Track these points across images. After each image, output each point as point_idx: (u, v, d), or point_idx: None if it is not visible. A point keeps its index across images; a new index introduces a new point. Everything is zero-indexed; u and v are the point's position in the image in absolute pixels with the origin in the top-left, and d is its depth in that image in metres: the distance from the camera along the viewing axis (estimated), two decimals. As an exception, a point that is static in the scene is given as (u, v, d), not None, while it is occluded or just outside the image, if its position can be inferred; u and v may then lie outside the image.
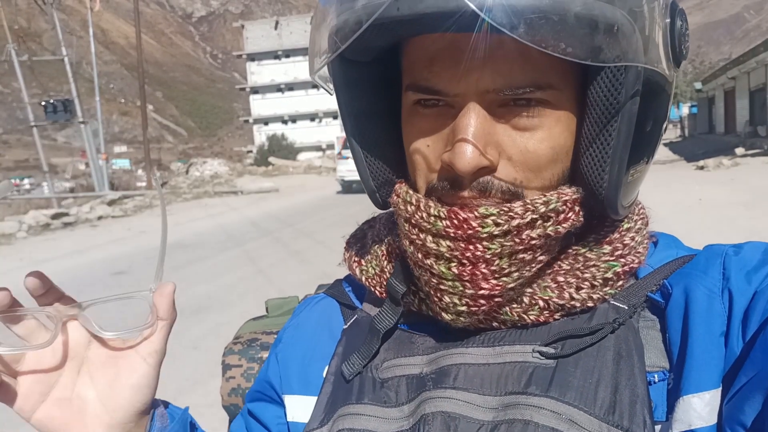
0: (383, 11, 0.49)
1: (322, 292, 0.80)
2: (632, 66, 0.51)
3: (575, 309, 0.59)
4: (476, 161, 0.52)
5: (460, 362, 0.58)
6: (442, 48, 0.54)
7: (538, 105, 0.54)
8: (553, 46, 0.47)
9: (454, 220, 0.54)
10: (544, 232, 0.55)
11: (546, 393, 0.53)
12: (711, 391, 0.51)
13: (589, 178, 0.57)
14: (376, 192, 0.67)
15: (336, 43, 0.54)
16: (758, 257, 0.56)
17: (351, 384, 0.63)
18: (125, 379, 0.58)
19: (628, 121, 0.53)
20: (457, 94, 0.54)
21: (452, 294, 0.57)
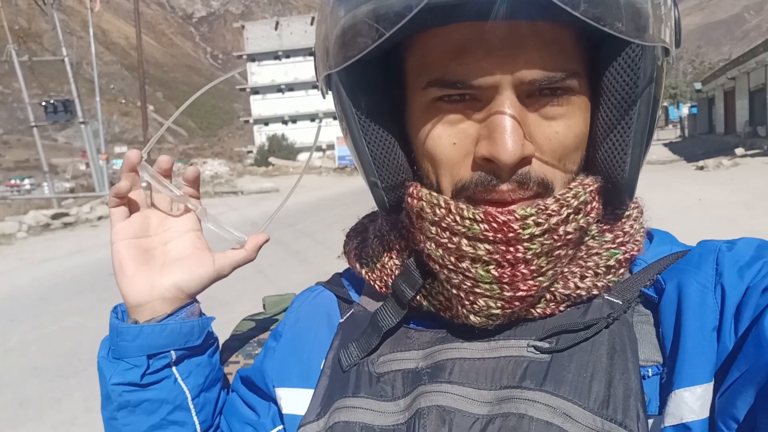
0: None
1: (320, 284, 0.80)
2: (649, 50, 0.52)
3: (581, 298, 0.59)
4: (520, 150, 0.52)
5: (455, 356, 0.59)
6: (470, 39, 0.52)
7: (564, 94, 0.54)
8: (610, 24, 0.47)
9: (493, 223, 0.53)
10: (578, 225, 0.55)
11: (540, 387, 0.53)
12: (703, 386, 0.51)
13: (609, 165, 0.57)
14: (384, 197, 0.64)
15: (377, 30, 0.50)
16: (751, 253, 0.56)
17: (347, 377, 0.63)
18: (190, 264, 0.70)
19: (647, 105, 0.54)
20: (490, 87, 0.52)
21: (488, 297, 0.56)
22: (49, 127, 35.63)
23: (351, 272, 0.76)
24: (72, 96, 26.33)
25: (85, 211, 17.62)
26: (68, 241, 12.97)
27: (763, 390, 0.46)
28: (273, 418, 0.71)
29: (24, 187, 60.75)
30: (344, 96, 0.59)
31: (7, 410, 4.32)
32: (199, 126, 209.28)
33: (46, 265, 9.91)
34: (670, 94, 53.11)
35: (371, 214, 0.77)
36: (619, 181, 0.58)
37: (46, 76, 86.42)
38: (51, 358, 5.16)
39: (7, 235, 13.94)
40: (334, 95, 0.61)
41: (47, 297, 7.50)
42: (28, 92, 27.13)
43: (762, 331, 0.48)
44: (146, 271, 0.68)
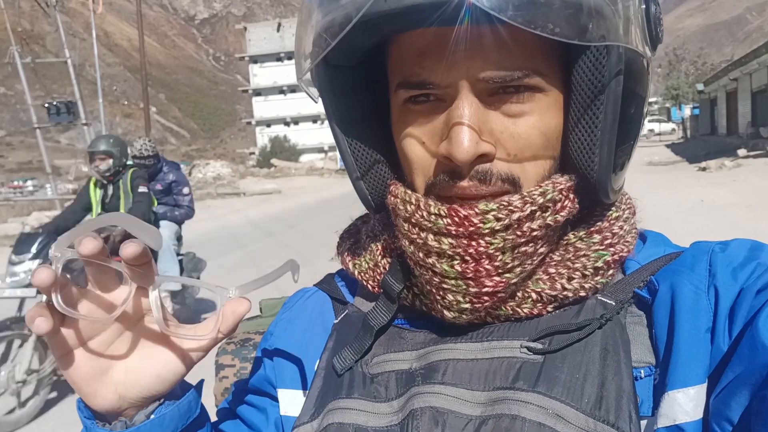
0: (371, 6, 0.49)
1: (313, 285, 0.81)
2: (614, 47, 0.52)
3: (568, 299, 0.59)
4: (474, 149, 0.53)
5: (449, 357, 0.59)
6: (429, 42, 0.54)
7: (527, 91, 0.55)
8: (542, 26, 0.47)
9: (455, 217, 0.54)
10: (544, 222, 0.56)
11: (533, 388, 0.53)
12: (696, 387, 0.51)
13: (579, 161, 0.57)
14: (369, 196, 0.67)
15: (326, 41, 0.54)
16: (744, 254, 0.56)
17: (341, 379, 0.63)
18: (155, 365, 0.57)
19: (614, 102, 0.54)
20: (448, 85, 0.54)
21: (455, 292, 0.57)
22: (52, 129, 35.70)
23: (345, 273, 0.77)
24: (75, 98, 26.33)
25: (88, 212, 17.62)
26: (71, 242, 12.95)
27: (757, 391, 0.46)
28: (276, 424, 0.71)
29: (27, 188, 60.84)
30: (326, 101, 0.63)
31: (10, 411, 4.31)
32: (202, 128, 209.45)
33: (48, 267, 9.90)
34: (672, 95, 53.00)
35: (364, 216, 0.78)
36: (589, 178, 0.58)
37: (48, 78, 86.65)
38: (53, 360, 5.16)
39: (11, 236, 13.96)
40: (320, 95, 0.64)
41: (50, 298, 7.49)
42: (30, 94, 27.19)
43: (756, 333, 0.48)
44: (108, 383, 0.56)
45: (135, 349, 0.57)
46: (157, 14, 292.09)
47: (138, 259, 0.52)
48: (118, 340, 0.57)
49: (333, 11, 0.53)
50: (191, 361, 0.58)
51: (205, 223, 14.49)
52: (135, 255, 0.51)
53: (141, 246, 0.52)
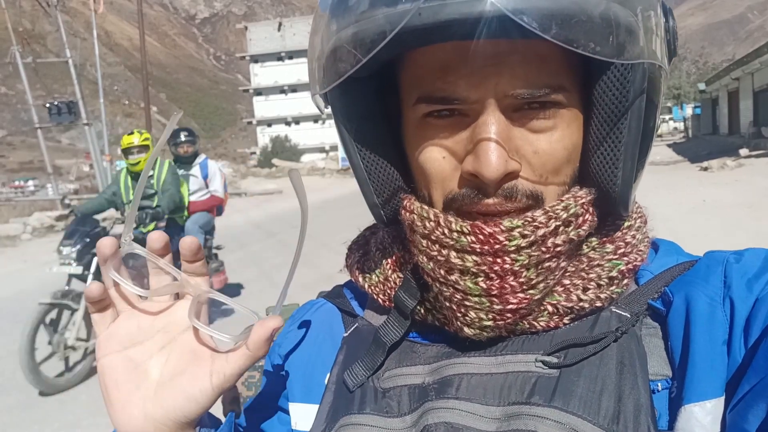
0: (409, 21, 0.48)
1: (322, 298, 0.79)
2: (638, 64, 0.52)
3: (584, 311, 0.59)
4: (504, 167, 0.52)
5: (462, 372, 0.58)
6: (454, 56, 0.53)
7: (552, 107, 0.54)
8: (584, 45, 0.47)
9: (479, 235, 0.54)
10: (568, 237, 0.55)
11: (549, 403, 0.52)
12: (713, 400, 0.51)
13: (601, 177, 0.57)
14: (380, 209, 0.65)
15: (355, 57, 0.52)
16: (759, 264, 0.56)
17: (352, 393, 0.62)
18: (185, 382, 0.55)
19: (637, 118, 0.54)
20: (475, 101, 0.53)
21: (479, 310, 0.56)
22: (53, 129, 35.77)
23: (354, 285, 0.76)
24: (76, 97, 26.33)
25: (89, 212, 17.64)
26: (72, 242, 12.98)
27: None
28: None
29: (28, 188, 60.91)
30: (339, 115, 0.62)
31: (13, 412, 4.33)
32: (203, 127, 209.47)
33: (50, 267, 9.93)
34: (674, 94, 52.99)
35: (372, 226, 0.76)
36: (612, 194, 0.58)
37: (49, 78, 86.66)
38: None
39: (12, 236, 13.98)
40: (332, 110, 0.63)
41: (51, 299, 7.50)
42: (31, 94, 27.19)
43: None
44: (138, 397, 0.55)
45: (169, 364, 0.56)
46: (157, 13, 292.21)
47: (193, 255, 0.56)
48: (157, 354, 0.57)
49: (364, 22, 0.51)
50: (220, 381, 0.55)
51: (207, 222, 14.48)
52: (191, 248, 0.56)
53: (197, 240, 0.56)
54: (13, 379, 4.89)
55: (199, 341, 0.57)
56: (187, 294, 0.59)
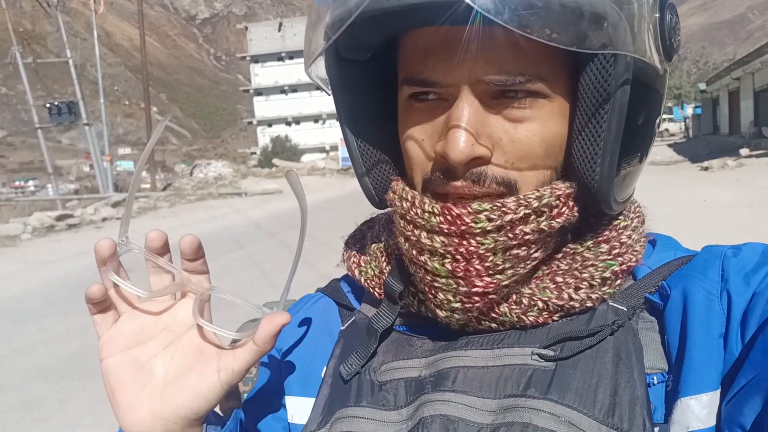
0: (370, 3, 0.50)
1: (318, 291, 0.80)
2: (621, 55, 0.51)
3: (574, 309, 0.59)
4: (469, 150, 0.53)
5: (459, 365, 0.58)
6: (435, 41, 0.54)
7: (529, 96, 0.54)
8: (539, 32, 0.47)
9: (448, 216, 0.54)
10: (538, 227, 0.55)
11: (545, 395, 0.52)
12: (709, 393, 0.51)
13: (580, 169, 0.57)
14: (373, 191, 0.67)
15: (328, 36, 0.55)
16: (756, 259, 0.56)
17: (349, 386, 0.62)
18: (192, 380, 0.55)
19: (618, 112, 0.53)
20: (450, 85, 0.54)
21: (446, 291, 0.57)
22: (54, 129, 35.80)
23: (351, 279, 0.76)
24: (76, 98, 26.38)
25: (90, 212, 17.66)
26: (73, 242, 12.99)
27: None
28: None
29: (28, 188, 60.90)
30: (336, 94, 0.64)
31: (13, 412, 4.32)
32: (203, 127, 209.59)
33: (50, 267, 9.94)
34: (675, 94, 53.00)
35: (369, 221, 0.77)
36: (590, 188, 0.57)
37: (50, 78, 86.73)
38: (56, 360, 5.17)
39: (12, 236, 13.98)
40: (332, 87, 0.65)
41: (52, 298, 7.51)
42: (32, 94, 27.21)
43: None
44: (144, 396, 0.55)
45: (174, 362, 0.57)
46: (158, 14, 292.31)
47: (194, 253, 0.57)
48: (162, 353, 0.57)
49: (339, 8, 0.53)
50: (228, 377, 0.56)
51: (207, 223, 14.50)
52: (192, 246, 0.57)
53: (197, 239, 0.57)
54: (14, 378, 4.89)
55: (204, 339, 0.58)
56: (189, 292, 0.59)
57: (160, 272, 0.58)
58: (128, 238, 0.58)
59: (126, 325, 0.57)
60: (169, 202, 21.41)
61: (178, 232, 0.56)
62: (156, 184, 28.31)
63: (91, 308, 0.57)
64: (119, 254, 0.57)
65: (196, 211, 18.22)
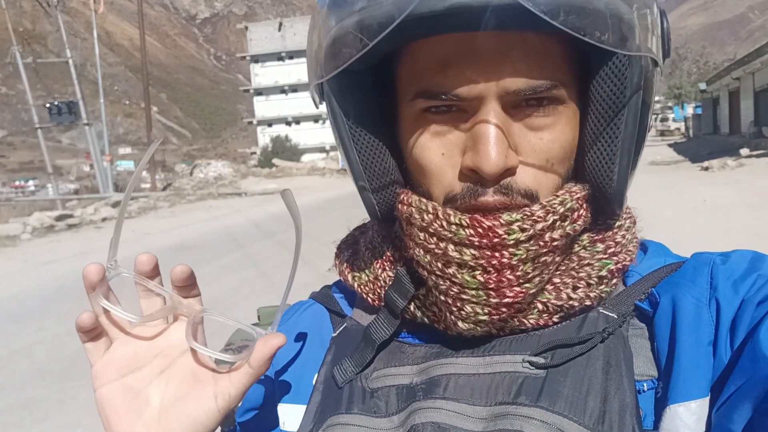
0: (417, 5, 0.48)
1: (310, 298, 0.79)
2: (636, 59, 0.53)
3: (573, 309, 0.59)
4: (503, 162, 0.52)
5: (450, 372, 0.58)
6: (455, 50, 0.53)
7: (550, 104, 0.55)
8: (590, 34, 0.48)
9: (478, 228, 0.54)
10: (565, 231, 0.56)
11: (536, 403, 0.52)
12: (698, 401, 0.51)
13: (597, 173, 0.57)
14: (375, 204, 0.64)
15: (361, 41, 0.51)
16: (744, 266, 0.56)
17: (340, 393, 0.62)
18: (188, 406, 0.54)
19: (634, 114, 0.55)
20: (475, 97, 0.53)
21: (475, 303, 0.56)
22: (54, 129, 35.81)
23: (342, 285, 0.75)
24: (76, 97, 26.40)
25: (89, 212, 17.67)
26: (73, 242, 13.00)
27: (760, 404, 0.46)
28: None
29: (28, 188, 60.94)
30: (335, 103, 0.60)
31: (12, 412, 4.33)
32: (203, 127, 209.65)
33: (50, 267, 9.94)
34: (675, 94, 52.99)
35: (362, 226, 0.76)
36: (607, 191, 0.58)
37: (50, 78, 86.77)
38: (56, 360, 5.17)
39: (12, 236, 13.99)
40: (327, 104, 0.62)
41: (52, 299, 7.51)
42: (32, 94, 27.22)
43: (757, 345, 0.48)
44: (141, 426, 0.54)
45: (170, 389, 0.55)
46: (158, 13, 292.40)
47: (185, 281, 0.56)
48: (157, 380, 0.56)
49: (370, 12, 0.51)
50: (225, 402, 0.55)
51: (207, 223, 14.50)
52: (181, 277, 0.55)
53: (189, 268, 0.55)
54: (13, 378, 4.89)
55: (199, 363, 0.56)
56: (181, 315, 0.58)
57: (151, 295, 0.57)
58: (117, 262, 0.57)
59: (119, 351, 0.56)
60: (169, 202, 21.41)
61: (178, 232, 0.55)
62: (156, 184, 28.33)
63: (82, 336, 0.55)
64: (108, 279, 0.55)
65: (196, 211, 18.23)
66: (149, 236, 12.92)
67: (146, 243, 11.76)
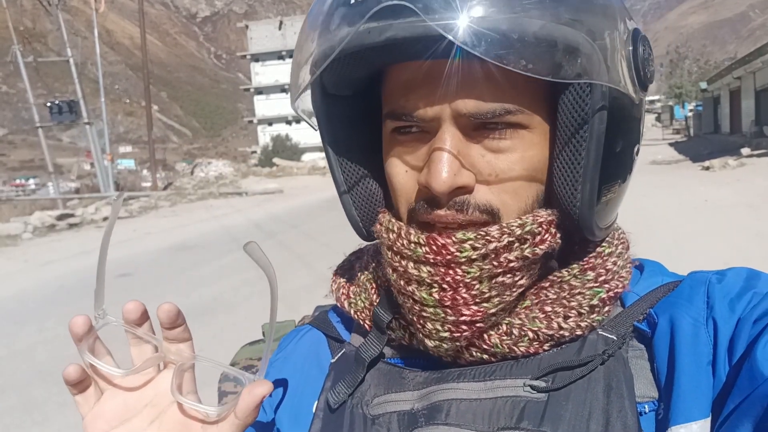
0: (353, 39, 0.52)
1: (307, 323, 0.79)
2: (597, 85, 0.53)
3: (564, 338, 0.59)
4: (451, 180, 0.54)
5: (451, 398, 0.58)
6: (416, 75, 0.56)
7: (509, 128, 0.56)
8: (514, 63, 0.49)
9: (433, 246, 0.55)
10: (522, 254, 0.56)
11: (539, 428, 0.53)
12: (699, 422, 0.51)
13: (562, 197, 0.58)
14: (360, 223, 0.68)
15: (313, 71, 0.57)
16: (740, 284, 0.57)
17: (341, 420, 0.62)
18: None
19: (597, 139, 0.54)
20: (432, 119, 0.56)
21: (434, 320, 0.57)
22: (54, 128, 35.81)
23: (340, 310, 0.76)
24: (76, 96, 26.39)
25: (90, 212, 17.68)
26: (74, 242, 13.01)
27: (759, 422, 0.46)
28: None
29: (29, 187, 60.90)
30: (322, 128, 0.65)
31: (13, 414, 4.33)
32: (204, 126, 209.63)
33: (51, 267, 9.95)
34: (675, 93, 52.92)
35: (357, 251, 0.78)
36: (572, 216, 0.58)
37: (50, 77, 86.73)
38: (57, 362, 5.16)
39: (13, 236, 14.00)
40: (317, 123, 0.66)
41: (53, 299, 7.52)
42: (32, 92, 27.20)
43: (755, 363, 0.48)
44: None
45: (166, 426, 0.55)
46: (158, 12, 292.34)
47: (172, 321, 0.55)
48: (147, 430, 0.55)
49: (323, 44, 0.56)
50: None
51: (207, 223, 14.51)
52: (167, 316, 0.54)
53: (173, 308, 0.55)
54: (13, 380, 4.89)
55: (186, 414, 0.56)
56: (171, 362, 0.57)
57: (140, 343, 0.56)
58: (105, 311, 0.56)
59: (108, 403, 0.55)
60: (170, 201, 21.42)
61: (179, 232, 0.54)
62: (157, 183, 28.33)
63: (71, 389, 0.54)
64: (96, 328, 0.55)
65: (197, 210, 18.24)
66: (150, 236, 12.93)
67: (147, 242, 11.77)
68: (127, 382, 0.56)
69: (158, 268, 9.26)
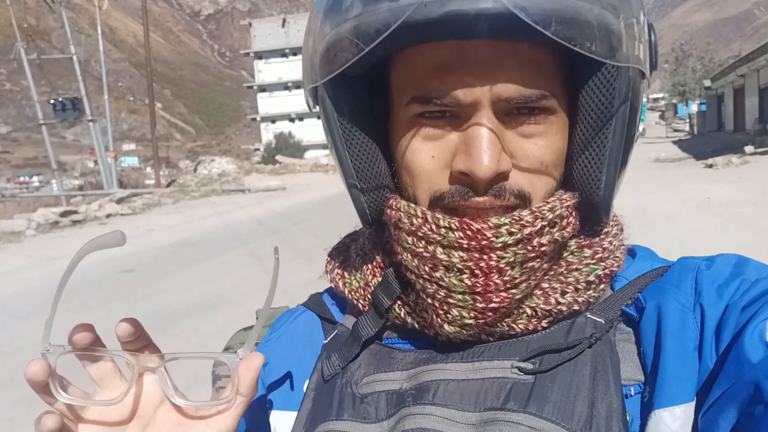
0: (413, 12, 0.49)
1: (301, 305, 0.80)
2: (624, 70, 0.54)
3: (562, 314, 0.60)
4: (495, 166, 0.54)
5: (439, 378, 0.59)
6: (451, 57, 0.54)
7: (542, 113, 0.56)
8: (581, 44, 0.50)
9: (467, 231, 0.55)
10: (553, 237, 0.56)
11: (524, 408, 0.53)
12: (682, 406, 0.51)
13: (584, 182, 0.59)
14: (367, 210, 0.65)
15: (357, 46, 0.53)
16: (729, 270, 0.57)
17: (331, 399, 0.63)
18: None
19: (621, 124, 0.56)
20: (470, 104, 0.54)
21: (461, 308, 0.57)
22: (58, 125, 35.87)
23: (333, 291, 0.76)
24: (80, 94, 26.47)
25: (94, 208, 17.72)
26: (77, 238, 13.03)
27: (745, 409, 0.46)
28: None
29: (33, 184, 61.09)
30: (328, 104, 0.61)
31: (18, 408, 4.35)
32: (207, 123, 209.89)
33: (55, 263, 9.97)
34: (679, 91, 52.81)
35: (353, 234, 0.77)
36: (594, 199, 0.59)
37: (54, 74, 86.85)
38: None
39: (17, 232, 14.04)
40: (320, 106, 0.63)
41: (56, 295, 7.54)
42: (36, 90, 27.26)
43: (742, 350, 0.48)
44: None
45: None
46: (162, 10, 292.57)
47: (131, 335, 0.53)
48: (148, 426, 0.54)
49: (367, 18, 0.52)
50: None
51: (211, 219, 14.53)
52: (128, 331, 0.53)
53: (131, 321, 0.53)
54: (17, 374, 4.92)
55: (180, 412, 0.55)
56: (146, 371, 0.55)
57: (97, 361, 0.54)
58: (51, 344, 0.52)
59: (90, 429, 0.53)
60: (173, 198, 21.46)
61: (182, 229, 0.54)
62: (160, 181, 28.37)
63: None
64: (53, 367, 0.51)
65: (200, 207, 18.26)
66: (153, 232, 12.95)
67: (150, 239, 11.79)
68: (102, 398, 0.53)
69: (161, 264, 9.28)
